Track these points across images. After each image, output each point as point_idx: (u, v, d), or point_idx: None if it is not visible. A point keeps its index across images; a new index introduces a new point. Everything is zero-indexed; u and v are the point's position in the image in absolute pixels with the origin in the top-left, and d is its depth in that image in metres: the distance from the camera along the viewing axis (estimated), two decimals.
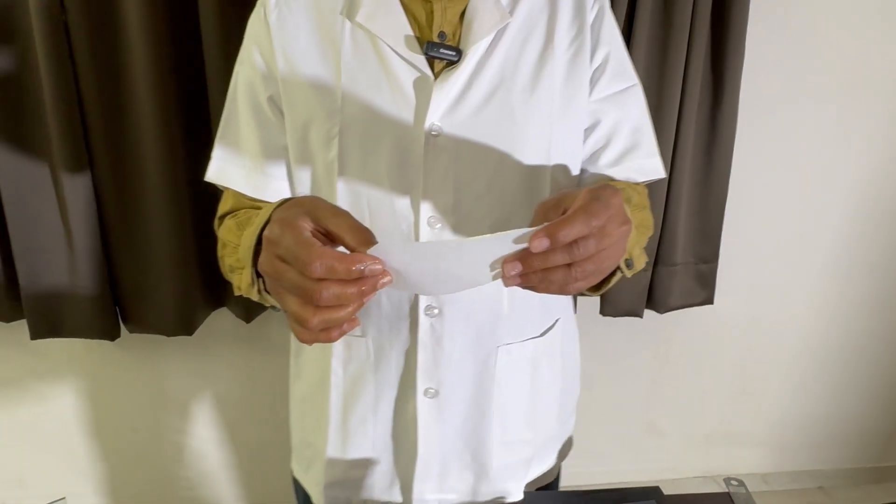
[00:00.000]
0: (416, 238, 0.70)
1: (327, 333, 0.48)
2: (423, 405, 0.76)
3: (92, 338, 1.31)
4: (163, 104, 1.18)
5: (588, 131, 0.77)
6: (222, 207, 0.78)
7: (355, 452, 0.80)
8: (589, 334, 1.66)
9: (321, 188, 0.72)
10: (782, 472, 2.02)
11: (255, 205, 0.76)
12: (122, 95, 1.19)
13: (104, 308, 1.30)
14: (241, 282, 0.63)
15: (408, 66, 0.68)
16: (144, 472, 1.60)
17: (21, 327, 1.31)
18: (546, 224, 0.46)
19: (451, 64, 0.68)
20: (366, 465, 0.80)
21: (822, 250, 1.70)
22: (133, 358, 1.46)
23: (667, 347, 1.75)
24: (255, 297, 0.62)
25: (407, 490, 0.81)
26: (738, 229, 1.60)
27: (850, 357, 1.85)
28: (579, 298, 1.52)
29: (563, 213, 0.51)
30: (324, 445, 0.81)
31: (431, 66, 0.69)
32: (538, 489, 0.90)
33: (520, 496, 0.85)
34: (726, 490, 0.87)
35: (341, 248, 0.49)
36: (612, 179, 0.78)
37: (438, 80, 0.68)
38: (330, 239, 0.50)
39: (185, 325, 1.34)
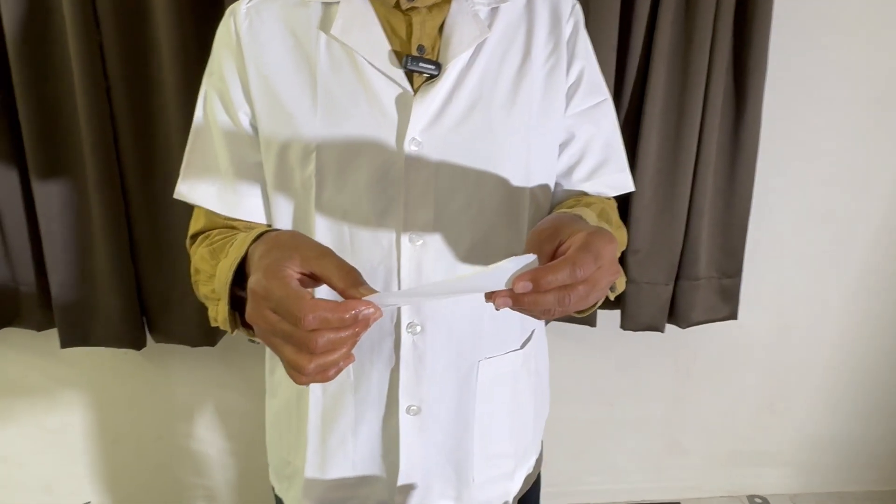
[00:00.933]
0: (398, 254, 0.69)
1: (324, 374, 0.49)
2: (405, 423, 0.75)
3: (119, 347, 1.34)
4: (192, 120, 1.21)
5: (562, 146, 0.77)
6: (194, 226, 0.76)
7: (335, 472, 0.78)
8: (609, 349, 1.65)
9: (298, 205, 0.71)
10: (811, 494, 1.96)
11: (228, 223, 0.74)
12: (152, 111, 1.23)
13: (131, 318, 1.33)
14: (217, 314, 0.62)
15: (387, 80, 0.67)
16: (166, 481, 1.62)
17: (51, 336, 1.35)
18: (533, 269, 0.48)
19: (431, 78, 0.68)
20: (346, 485, 0.79)
21: (850, 264, 1.66)
22: (158, 368, 1.49)
23: (689, 363, 1.72)
24: (230, 331, 0.61)
25: None
26: (763, 243, 1.57)
27: (880, 374, 1.80)
28: (599, 312, 1.51)
29: (558, 246, 0.53)
30: (302, 464, 0.79)
31: (410, 81, 0.68)
32: (520, 500, 0.89)
33: None
34: None
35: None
36: (584, 195, 0.79)
37: (418, 94, 0.67)
38: (315, 279, 0.50)
39: (208, 336, 1.37)
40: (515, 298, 0.48)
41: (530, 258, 0.49)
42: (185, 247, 0.77)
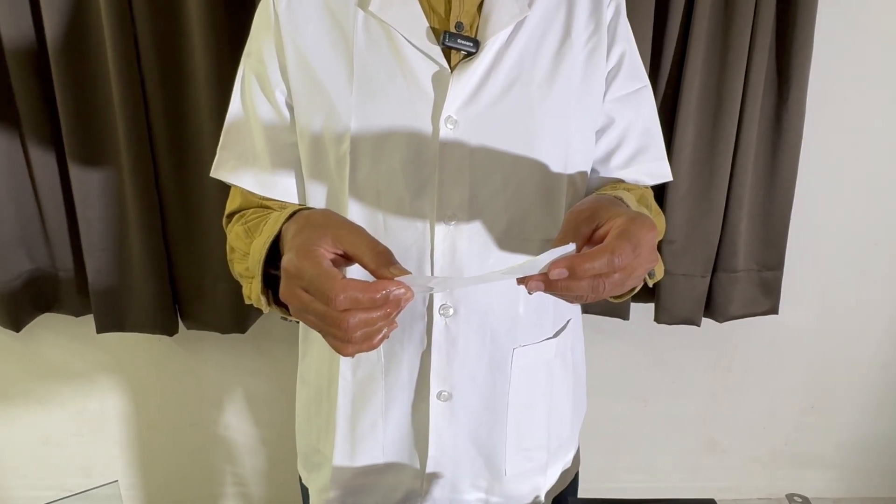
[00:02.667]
0: (431, 235, 0.68)
1: (369, 343, 0.49)
2: (435, 409, 0.74)
3: (152, 333, 1.36)
4: (223, 109, 1.22)
5: (601, 132, 0.75)
6: (230, 205, 0.77)
7: (364, 459, 0.78)
8: (643, 343, 1.61)
9: (332, 184, 0.71)
10: (856, 498, 1.88)
11: (263, 203, 0.74)
12: (185, 100, 1.24)
13: (164, 305, 1.35)
14: (251, 292, 0.62)
15: (424, 57, 0.66)
16: (198, 467, 1.64)
17: (89, 322, 1.38)
18: (570, 256, 0.47)
19: (469, 56, 0.67)
20: (375, 471, 0.78)
21: None
22: (190, 354, 1.52)
23: (728, 359, 1.66)
24: (264, 308, 0.62)
25: (417, 496, 0.79)
26: (806, 234, 1.51)
27: None
28: (632, 305, 1.47)
29: (596, 228, 0.52)
30: (331, 452, 0.78)
31: (447, 58, 0.67)
32: (555, 498, 0.86)
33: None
34: None
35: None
36: (621, 182, 0.77)
37: (455, 71, 0.66)
38: (347, 259, 0.50)
39: (238, 323, 1.38)
40: (549, 284, 0.48)
41: (568, 248, 0.48)
42: (223, 227, 0.78)
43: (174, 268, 1.36)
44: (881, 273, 1.60)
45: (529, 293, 0.49)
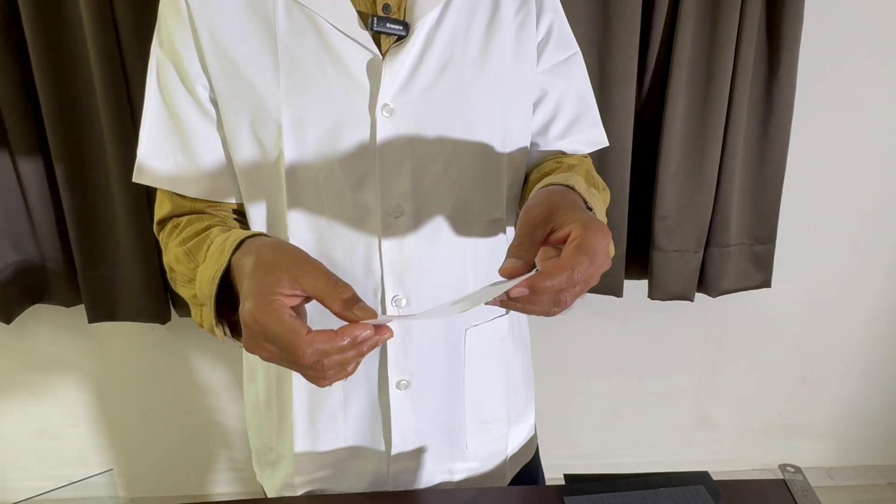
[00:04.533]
0: (378, 227, 0.67)
1: (344, 372, 0.50)
2: (395, 398, 0.73)
3: (145, 321, 1.36)
4: None
5: (536, 104, 0.74)
6: (158, 211, 0.71)
7: (326, 447, 0.76)
8: (636, 320, 1.61)
9: (269, 181, 0.67)
10: (848, 467, 1.91)
11: (196, 208, 0.69)
12: None
13: (155, 293, 1.34)
14: (203, 321, 0.59)
15: (353, 44, 0.63)
16: (195, 453, 1.65)
17: (80, 312, 1.37)
18: (529, 275, 0.49)
19: (399, 40, 0.64)
20: (338, 458, 0.77)
21: (889, 230, 1.59)
22: (183, 342, 1.51)
23: (721, 334, 1.67)
24: (220, 340, 0.59)
25: (384, 480, 0.78)
26: (798, 208, 1.51)
27: None
28: (626, 282, 1.48)
29: (550, 231, 0.52)
30: (287, 449, 0.77)
31: (377, 44, 0.64)
32: (522, 467, 0.88)
33: (504, 478, 0.84)
34: (782, 477, 0.82)
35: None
36: (562, 155, 0.76)
37: (387, 57, 0.63)
38: (308, 298, 0.50)
39: None
40: (508, 302, 0.50)
41: (529, 274, 0.50)
42: (154, 233, 0.73)
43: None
44: (873, 245, 1.61)
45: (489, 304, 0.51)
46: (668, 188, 1.35)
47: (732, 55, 1.26)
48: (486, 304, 0.51)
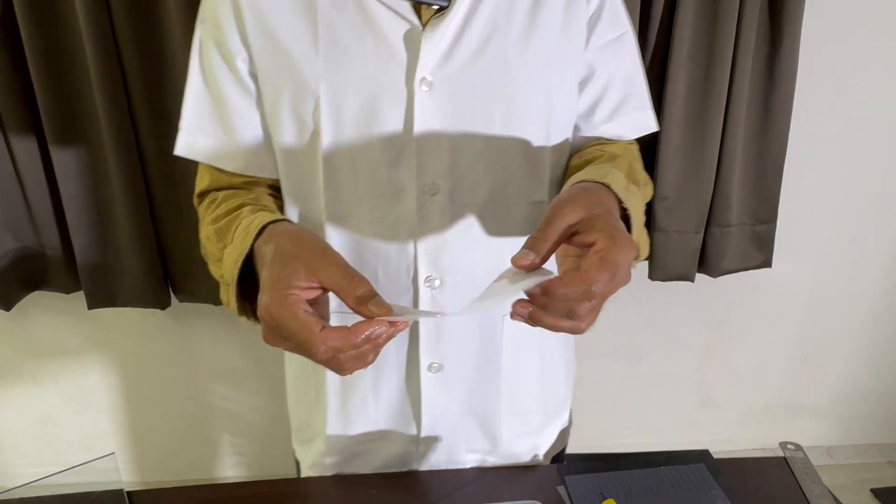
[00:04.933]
0: (412, 205, 0.65)
1: (363, 362, 0.50)
2: (426, 381, 0.73)
3: (145, 307, 1.35)
4: None
5: (582, 83, 0.71)
6: (199, 184, 0.72)
7: (357, 429, 0.77)
8: (636, 301, 1.61)
9: (304, 156, 0.67)
10: (848, 446, 1.92)
11: (233, 183, 0.70)
12: (163, 68, 1.21)
13: (155, 279, 1.34)
14: (229, 301, 0.60)
15: (393, 14, 0.62)
16: (197, 439, 1.66)
17: (80, 298, 1.37)
18: (546, 277, 0.48)
19: (440, 10, 0.62)
20: (369, 439, 0.77)
21: (892, 210, 1.58)
22: (184, 327, 1.51)
23: (722, 314, 1.67)
24: (242, 324, 0.61)
25: (413, 459, 0.79)
26: (800, 187, 1.50)
27: None
28: None
29: (574, 232, 0.51)
30: (322, 426, 0.77)
31: (418, 15, 0.63)
32: (554, 456, 0.87)
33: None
34: (782, 455, 0.82)
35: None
36: (604, 142, 0.73)
37: (427, 29, 0.62)
38: (325, 289, 0.50)
39: None
40: (519, 308, 0.50)
41: (549, 275, 0.49)
42: (194, 205, 0.75)
43: (163, 241, 1.34)
44: (876, 226, 1.60)
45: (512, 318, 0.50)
46: (668, 168, 1.34)
47: (734, 34, 1.24)
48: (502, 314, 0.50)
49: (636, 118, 0.74)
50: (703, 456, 0.82)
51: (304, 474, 0.84)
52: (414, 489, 0.52)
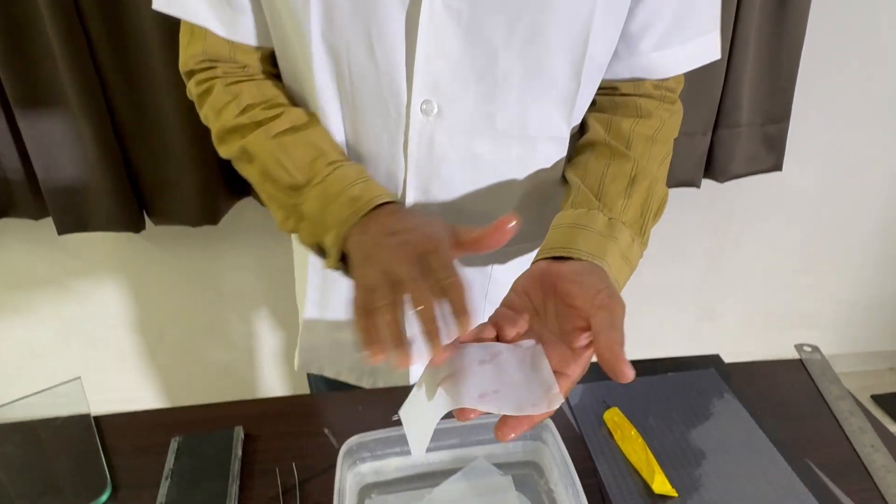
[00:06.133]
0: (406, 122, 0.57)
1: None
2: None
3: (117, 231, 1.28)
4: None
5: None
6: (188, 48, 0.61)
7: (333, 314, 0.75)
8: None
9: (296, 38, 0.57)
10: (850, 354, 1.90)
11: (233, 56, 0.60)
12: None
13: (126, 200, 1.26)
14: (303, 239, 0.56)
15: None
16: (188, 361, 1.62)
17: (49, 225, 1.29)
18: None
19: None
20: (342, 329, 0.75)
21: None
22: (162, 250, 1.44)
23: (727, 221, 1.60)
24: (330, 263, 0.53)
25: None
26: (815, 82, 1.39)
27: None
28: None
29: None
30: (303, 307, 0.76)
31: None
32: None
33: None
34: (797, 358, 0.77)
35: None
36: (638, 96, 0.61)
37: None
38: None
39: (209, 214, 1.29)
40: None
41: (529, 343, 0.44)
42: (180, 66, 0.64)
43: (131, 160, 1.25)
44: (889, 128, 1.51)
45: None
46: None
47: None
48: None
49: (694, 46, 0.59)
50: (713, 361, 0.77)
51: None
52: (400, 401, 0.45)
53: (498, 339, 0.44)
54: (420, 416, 0.41)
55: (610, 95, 0.63)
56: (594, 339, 0.40)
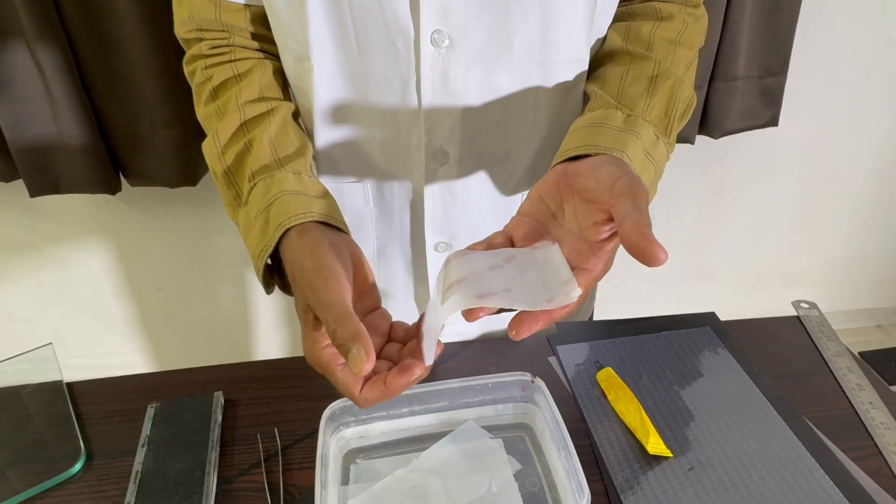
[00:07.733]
0: (417, 58, 0.52)
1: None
2: (433, 259, 0.66)
3: (92, 192, 1.22)
4: None
5: None
6: (178, 17, 0.58)
7: None
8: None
9: None
10: (839, 311, 1.91)
11: (220, 19, 0.56)
12: None
13: (99, 160, 1.20)
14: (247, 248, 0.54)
15: None
16: (173, 326, 1.59)
17: (21, 187, 1.24)
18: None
19: None
20: None
21: None
22: (140, 213, 1.39)
23: (720, 179, 1.58)
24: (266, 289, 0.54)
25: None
26: (812, 33, 1.35)
27: None
28: None
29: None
30: None
31: None
32: None
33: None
34: (794, 315, 0.75)
35: None
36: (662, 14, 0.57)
37: None
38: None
39: (187, 175, 1.24)
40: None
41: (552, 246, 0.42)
42: (183, 71, 0.62)
43: (102, 117, 1.19)
44: (889, 74, 1.47)
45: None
46: None
47: None
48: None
49: None
50: (708, 319, 0.75)
51: None
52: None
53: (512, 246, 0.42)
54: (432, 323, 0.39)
55: (628, 3, 0.59)
56: (618, 226, 0.37)
